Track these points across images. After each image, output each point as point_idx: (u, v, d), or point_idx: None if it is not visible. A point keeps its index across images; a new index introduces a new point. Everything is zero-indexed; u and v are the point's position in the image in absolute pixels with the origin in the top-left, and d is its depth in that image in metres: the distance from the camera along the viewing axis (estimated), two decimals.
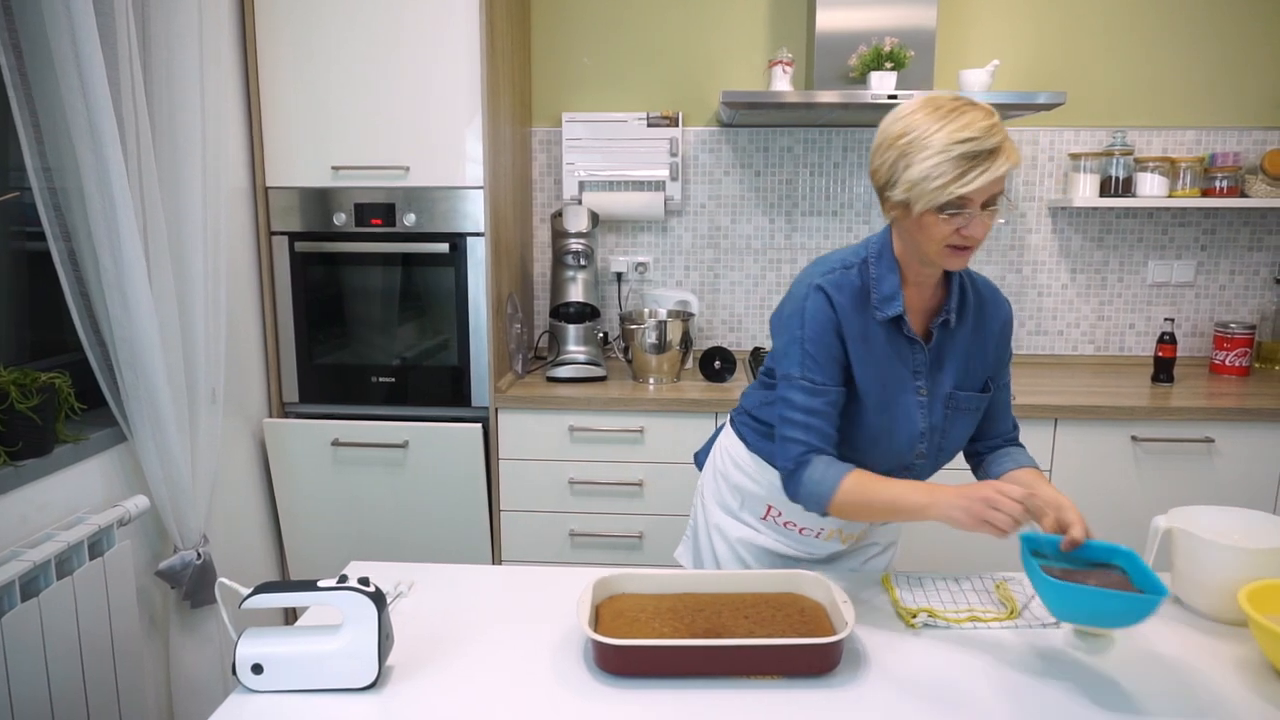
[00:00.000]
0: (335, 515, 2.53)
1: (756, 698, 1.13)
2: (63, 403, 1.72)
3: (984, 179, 1.19)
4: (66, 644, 1.59)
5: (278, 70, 2.38)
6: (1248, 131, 2.82)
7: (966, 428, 1.43)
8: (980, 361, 1.40)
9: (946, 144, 1.20)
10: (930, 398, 1.37)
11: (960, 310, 1.38)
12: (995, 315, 1.42)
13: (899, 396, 1.36)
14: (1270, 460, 2.36)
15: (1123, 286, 2.92)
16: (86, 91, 1.60)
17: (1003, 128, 1.24)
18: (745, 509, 1.56)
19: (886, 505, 1.28)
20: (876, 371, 1.34)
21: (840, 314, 1.33)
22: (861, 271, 1.35)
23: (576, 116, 2.88)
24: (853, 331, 1.33)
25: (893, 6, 2.58)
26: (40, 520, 1.66)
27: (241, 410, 2.40)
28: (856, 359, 1.34)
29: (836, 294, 1.33)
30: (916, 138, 1.22)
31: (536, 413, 2.45)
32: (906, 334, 1.35)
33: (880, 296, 1.34)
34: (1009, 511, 1.17)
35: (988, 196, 1.23)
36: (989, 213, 1.24)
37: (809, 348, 1.33)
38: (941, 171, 1.20)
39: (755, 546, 1.56)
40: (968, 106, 1.24)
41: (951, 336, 1.38)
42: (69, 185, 1.68)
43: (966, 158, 1.19)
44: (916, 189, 1.22)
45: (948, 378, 1.38)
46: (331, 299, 2.50)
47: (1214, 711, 1.10)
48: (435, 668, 1.20)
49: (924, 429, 1.37)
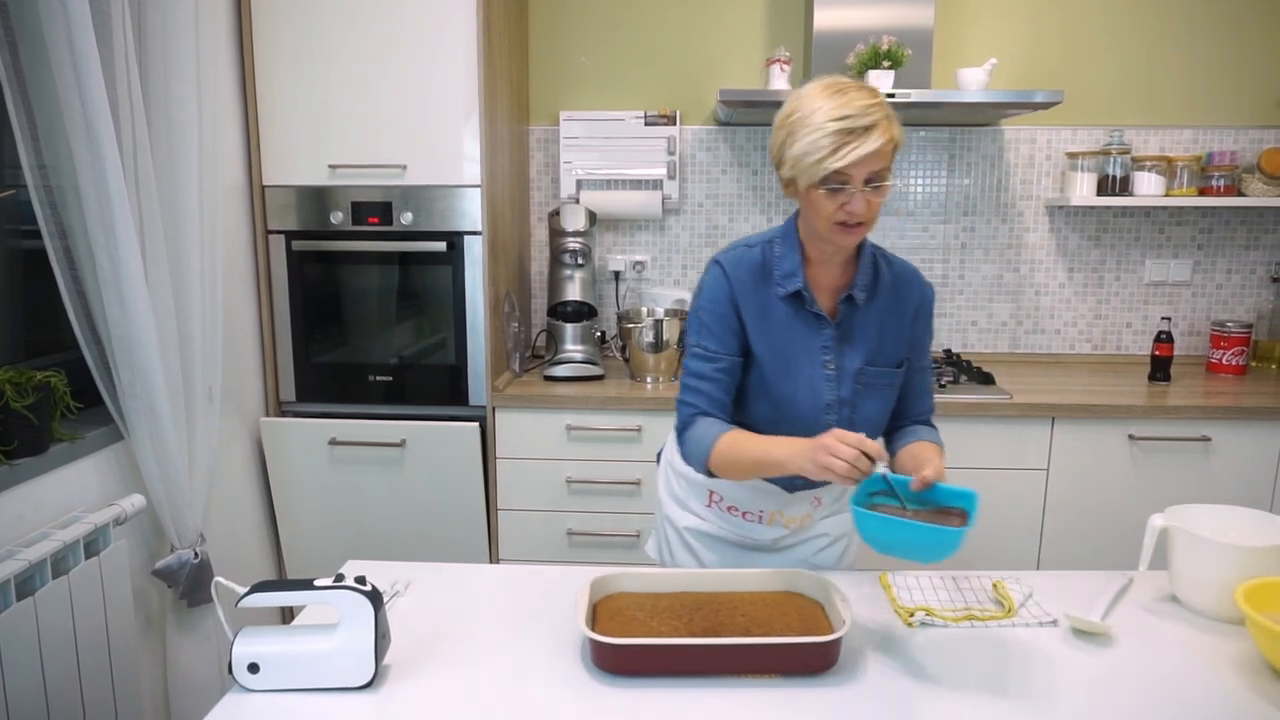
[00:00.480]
0: (332, 514, 2.53)
1: (754, 696, 1.13)
2: (58, 401, 1.71)
3: (856, 154, 1.24)
4: (62, 643, 1.58)
5: (275, 68, 2.38)
6: (1244, 130, 2.82)
7: (880, 404, 1.45)
8: (894, 340, 1.44)
9: (824, 121, 1.25)
10: (838, 371, 1.41)
11: (873, 289, 1.42)
12: (911, 296, 1.45)
13: (804, 369, 1.40)
14: (1267, 458, 2.37)
15: (1120, 285, 2.93)
16: (82, 89, 1.59)
17: (885, 108, 1.28)
18: (691, 496, 1.57)
19: (756, 461, 1.33)
20: (777, 344, 1.40)
21: (736, 287, 1.39)
22: (765, 250, 1.42)
23: (574, 115, 2.87)
24: (750, 305, 1.39)
25: (890, 5, 2.58)
26: (36, 519, 1.65)
27: (238, 409, 2.40)
28: (754, 330, 1.40)
29: (733, 269, 1.40)
30: (801, 116, 1.28)
31: (534, 412, 2.45)
32: (812, 310, 1.40)
33: (781, 273, 1.40)
34: (843, 456, 1.20)
35: (868, 173, 1.27)
36: (874, 190, 1.28)
37: (704, 317, 1.41)
38: (819, 147, 1.25)
39: (702, 534, 1.56)
40: (853, 87, 1.29)
41: (861, 314, 1.42)
42: (65, 183, 1.68)
43: (842, 133, 1.24)
44: (799, 165, 1.28)
45: (858, 353, 1.42)
46: (329, 298, 2.49)
47: (1211, 709, 1.10)
48: (432, 667, 1.20)
49: (830, 400, 1.41)
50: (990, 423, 2.38)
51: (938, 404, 2.34)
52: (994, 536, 2.43)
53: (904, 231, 2.93)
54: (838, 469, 1.20)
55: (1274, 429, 2.35)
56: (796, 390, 1.40)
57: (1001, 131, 2.87)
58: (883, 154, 1.26)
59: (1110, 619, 1.32)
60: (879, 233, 2.93)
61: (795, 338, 1.40)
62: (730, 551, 1.54)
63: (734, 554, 1.54)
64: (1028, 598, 1.38)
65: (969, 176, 2.89)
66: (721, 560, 1.55)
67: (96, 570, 1.67)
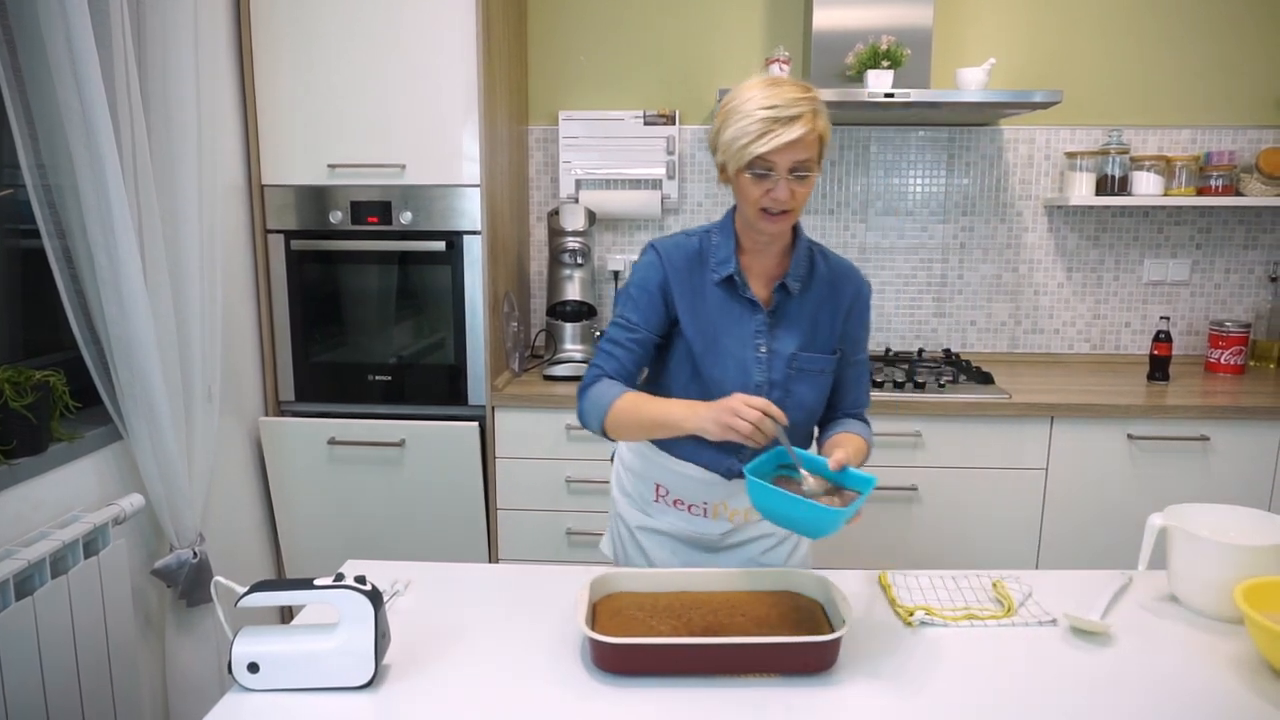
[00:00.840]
0: (332, 514, 2.52)
1: (754, 696, 1.13)
2: (57, 401, 1.71)
3: (778, 141, 1.30)
4: (61, 643, 1.58)
5: (274, 67, 2.38)
6: (1243, 130, 2.83)
7: (813, 389, 1.48)
8: (828, 330, 1.49)
9: (753, 109, 1.32)
10: (770, 355, 1.46)
11: (809, 280, 1.48)
12: (846, 290, 1.50)
13: (735, 351, 1.45)
14: (1265, 458, 2.37)
15: (1118, 285, 2.93)
16: (81, 88, 1.59)
17: (814, 103, 1.34)
18: (640, 491, 1.59)
19: (653, 420, 1.37)
20: (709, 327, 1.45)
21: (669, 269, 1.46)
22: (703, 239, 1.49)
23: (573, 115, 2.87)
24: (683, 289, 1.46)
25: (889, 5, 2.58)
26: (35, 519, 1.65)
27: (237, 409, 2.40)
28: (684, 313, 1.46)
29: (668, 254, 1.47)
30: (734, 105, 1.35)
31: (533, 411, 2.45)
32: (745, 295, 1.45)
33: (716, 260, 1.46)
34: (747, 417, 1.25)
35: (792, 162, 1.33)
36: (798, 180, 1.34)
37: (632, 291, 1.48)
38: (746, 132, 1.32)
39: (652, 532, 1.57)
40: (787, 83, 1.35)
41: (796, 303, 1.47)
42: (64, 182, 1.68)
43: (769, 120, 1.30)
44: (729, 150, 1.35)
45: (792, 339, 1.47)
46: (328, 297, 2.49)
47: (1211, 709, 1.11)
48: (432, 666, 1.20)
49: (760, 382, 1.45)
50: (989, 422, 2.39)
51: (937, 403, 2.39)
52: (993, 536, 2.44)
53: (903, 231, 2.93)
54: (741, 429, 1.25)
55: (1272, 428, 2.35)
56: (726, 371, 1.45)
57: (1000, 131, 2.87)
58: (806, 144, 1.32)
59: (1110, 618, 1.32)
60: (878, 231, 2.93)
61: (728, 322, 1.46)
62: (680, 549, 1.56)
63: (684, 552, 1.56)
64: (1027, 597, 1.38)
65: (968, 176, 2.90)
66: (671, 559, 1.56)
67: (95, 570, 1.67)
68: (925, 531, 2.45)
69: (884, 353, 2.92)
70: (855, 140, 2.89)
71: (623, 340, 1.47)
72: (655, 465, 1.54)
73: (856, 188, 2.92)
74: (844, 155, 2.90)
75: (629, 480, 1.62)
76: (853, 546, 2.45)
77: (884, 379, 2.51)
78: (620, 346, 1.47)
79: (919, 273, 2.95)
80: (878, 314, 2.98)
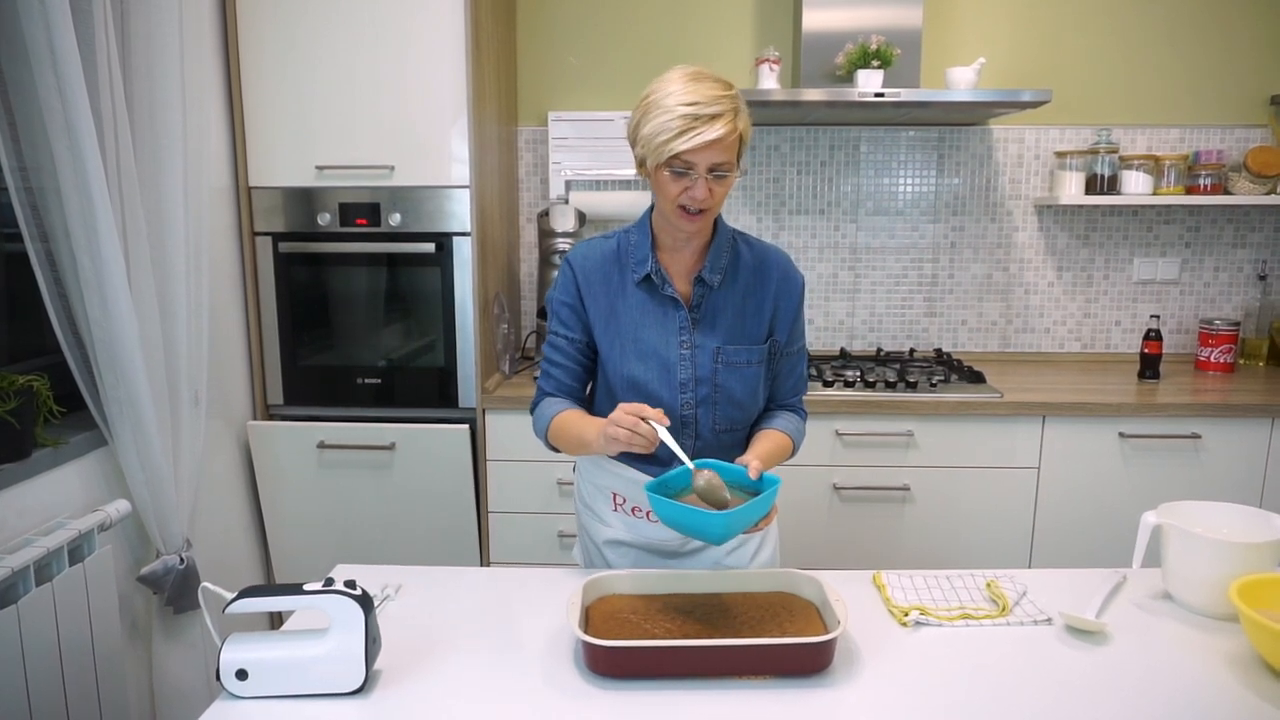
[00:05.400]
0: (321, 518, 2.50)
1: (749, 698, 1.12)
2: (41, 406, 1.69)
3: (697, 140, 1.29)
4: (46, 652, 1.56)
5: (260, 68, 2.36)
6: (1230, 129, 2.84)
7: (744, 382, 1.47)
8: (755, 322, 1.48)
9: (674, 104, 1.30)
10: (695, 351, 1.45)
11: (733, 271, 1.47)
12: (771, 275, 1.49)
13: (658, 349, 1.45)
14: (1255, 455, 2.38)
15: (1109, 284, 2.94)
16: (63, 89, 1.57)
17: (735, 103, 1.33)
18: (599, 501, 1.57)
19: (577, 439, 1.42)
20: (630, 327, 1.46)
21: (580, 278, 1.48)
22: (621, 239, 1.50)
23: (562, 115, 2.86)
24: (597, 293, 1.47)
25: (879, 6, 2.58)
26: (19, 526, 1.63)
27: (225, 413, 2.37)
28: (596, 319, 1.48)
29: (580, 263, 1.49)
30: (655, 99, 1.33)
31: (524, 414, 2.41)
32: (666, 293, 1.45)
33: (635, 260, 1.47)
34: (623, 424, 1.28)
35: (711, 162, 1.32)
36: (716, 179, 1.33)
37: (554, 307, 1.51)
38: (666, 129, 1.30)
39: (616, 543, 1.55)
40: (709, 78, 1.33)
41: (719, 295, 1.46)
42: (46, 184, 1.65)
43: (689, 118, 1.29)
44: (648, 145, 1.34)
45: (717, 333, 1.46)
46: (316, 300, 2.47)
47: (1206, 706, 1.10)
48: (424, 671, 1.19)
49: (685, 379, 1.45)
50: (981, 421, 2.39)
51: (929, 403, 2.38)
52: (986, 535, 2.43)
53: (894, 231, 2.93)
54: (620, 437, 1.27)
55: (1262, 425, 2.36)
56: (649, 370, 1.45)
57: (990, 131, 2.87)
58: (726, 145, 1.31)
59: (1105, 617, 1.32)
60: (869, 231, 2.93)
61: (651, 320, 1.46)
62: (643, 559, 1.53)
63: (647, 561, 1.53)
64: (1022, 596, 1.38)
65: (958, 176, 2.90)
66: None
67: (81, 577, 1.65)
68: (918, 531, 2.45)
69: (875, 353, 2.92)
70: (845, 140, 2.89)
71: (554, 357, 1.51)
72: (608, 473, 1.53)
73: (847, 188, 2.92)
74: (834, 155, 2.90)
75: (588, 490, 1.60)
76: (845, 546, 2.46)
77: (875, 379, 2.51)
78: (554, 364, 1.51)
79: (910, 272, 2.96)
80: (869, 313, 2.98)
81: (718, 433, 1.48)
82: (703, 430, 1.47)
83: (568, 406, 1.48)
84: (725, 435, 1.48)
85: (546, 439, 1.48)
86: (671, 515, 1.24)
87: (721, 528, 1.21)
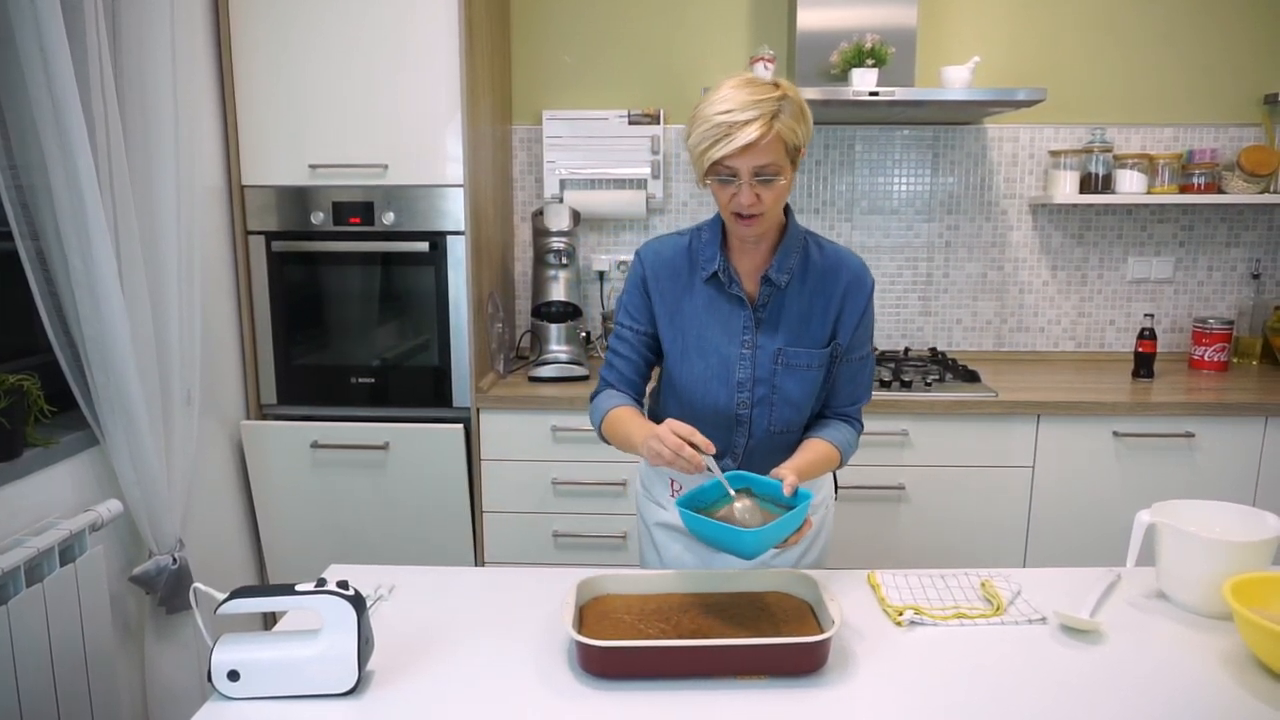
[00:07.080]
0: (315, 518, 2.50)
1: (744, 698, 1.12)
2: (32, 405, 1.68)
3: (731, 146, 1.28)
4: (38, 652, 1.55)
5: (253, 67, 2.35)
6: (1224, 129, 2.84)
7: (802, 385, 1.47)
8: (820, 324, 1.47)
9: (711, 114, 1.30)
10: (756, 351, 1.45)
11: (802, 272, 1.46)
12: (840, 278, 1.47)
13: (721, 347, 1.46)
14: (1249, 453, 2.38)
15: (1103, 283, 2.94)
16: (53, 87, 1.56)
17: (775, 105, 1.30)
18: (656, 486, 1.60)
19: (624, 438, 1.43)
20: (695, 324, 1.47)
21: (649, 271, 1.49)
22: (693, 237, 1.51)
23: (557, 114, 2.86)
24: (665, 289, 1.48)
25: (874, 4, 2.58)
26: (10, 526, 1.62)
27: (218, 412, 2.36)
28: (662, 314, 1.49)
29: (650, 257, 1.50)
30: (698, 111, 1.34)
31: (519, 413, 2.43)
32: (733, 292, 1.45)
33: (704, 259, 1.47)
34: (668, 445, 1.27)
35: (753, 166, 1.31)
36: (763, 184, 1.32)
37: (624, 299, 1.53)
38: (704, 138, 1.31)
39: (668, 528, 1.57)
40: (753, 84, 1.32)
41: (785, 296, 1.46)
42: (36, 183, 1.65)
43: (722, 126, 1.29)
44: (694, 156, 1.36)
45: (780, 334, 1.46)
46: (310, 299, 2.46)
47: (1200, 704, 1.10)
48: (417, 672, 1.18)
49: (743, 378, 1.45)
50: (976, 420, 2.39)
51: (924, 402, 2.38)
52: (981, 534, 2.44)
53: (889, 230, 2.93)
54: (664, 455, 1.27)
55: (1256, 424, 2.36)
56: (708, 367, 1.46)
57: (985, 130, 2.87)
58: (763, 149, 1.29)
59: (1099, 616, 1.32)
60: (864, 230, 2.93)
61: (715, 318, 1.46)
62: (691, 545, 1.55)
63: (694, 548, 1.54)
64: (1016, 595, 1.38)
65: (953, 175, 2.90)
66: (684, 554, 1.55)
67: (72, 577, 1.64)
68: (913, 530, 2.45)
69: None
70: (840, 139, 2.89)
71: (618, 348, 1.52)
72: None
73: (842, 187, 2.92)
74: (829, 154, 2.90)
75: (647, 473, 1.63)
76: (840, 546, 2.45)
77: None
78: (617, 355, 1.52)
79: (905, 272, 2.96)
80: None
81: (771, 434, 1.48)
82: (756, 430, 1.48)
83: (625, 401, 1.49)
84: (779, 437, 1.49)
85: (600, 431, 1.50)
86: (703, 531, 1.24)
87: (752, 545, 1.21)
